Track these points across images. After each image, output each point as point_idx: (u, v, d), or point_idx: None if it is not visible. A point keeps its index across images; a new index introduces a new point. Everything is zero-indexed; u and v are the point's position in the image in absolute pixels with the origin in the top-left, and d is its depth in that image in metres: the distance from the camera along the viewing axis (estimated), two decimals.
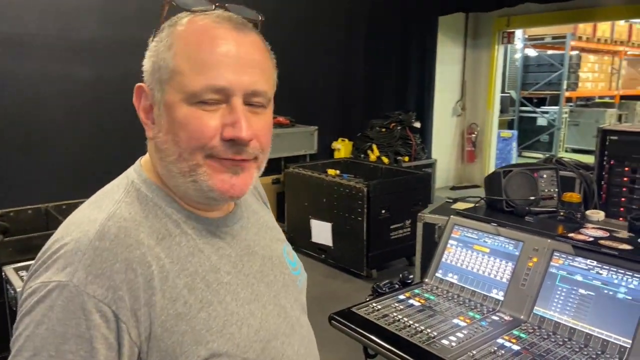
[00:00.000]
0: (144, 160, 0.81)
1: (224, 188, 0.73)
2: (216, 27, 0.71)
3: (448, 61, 6.13)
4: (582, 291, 1.41)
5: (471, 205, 1.97)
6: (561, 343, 1.36)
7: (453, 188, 6.37)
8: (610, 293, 1.36)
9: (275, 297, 0.84)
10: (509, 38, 6.42)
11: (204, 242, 0.77)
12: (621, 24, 9.30)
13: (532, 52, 9.60)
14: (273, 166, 4.18)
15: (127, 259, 0.67)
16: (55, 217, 2.87)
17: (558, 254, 1.50)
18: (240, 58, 0.71)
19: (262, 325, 0.78)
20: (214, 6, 0.74)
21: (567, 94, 9.21)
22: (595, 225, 1.59)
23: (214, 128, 0.71)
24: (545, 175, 1.77)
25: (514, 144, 7.34)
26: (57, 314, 0.64)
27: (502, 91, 7.06)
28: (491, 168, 6.52)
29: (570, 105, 9.79)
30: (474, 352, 1.32)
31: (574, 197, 1.73)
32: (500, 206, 1.74)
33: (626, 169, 2.08)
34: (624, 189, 2.10)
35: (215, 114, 0.71)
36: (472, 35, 6.37)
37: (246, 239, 0.84)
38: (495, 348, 1.34)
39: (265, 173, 0.87)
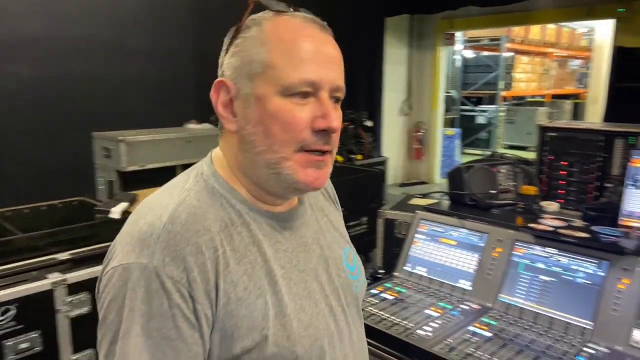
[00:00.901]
0: (214, 153, 0.84)
1: (308, 180, 0.77)
2: (306, 26, 0.77)
3: (395, 61, 6.29)
4: (543, 278, 1.50)
5: (431, 200, 2.04)
6: (527, 327, 1.44)
7: (402, 185, 6.55)
8: (570, 278, 1.46)
9: (327, 298, 0.85)
10: (451, 40, 6.68)
11: (263, 234, 0.79)
12: (551, 27, 9.92)
13: (470, 54, 10.04)
14: None
15: (197, 243, 0.71)
16: None
17: (520, 244, 1.59)
18: (327, 55, 0.77)
19: (311, 322, 0.79)
20: (291, 9, 0.79)
21: (503, 93, 9.71)
22: (551, 215, 1.69)
23: (305, 120, 0.75)
24: (503, 170, 1.87)
25: (457, 142, 7.65)
26: (140, 294, 0.68)
27: (445, 91, 7.33)
28: (437, 165, 6.76)
29: (506, 104, 10.33)
30: (450, 340, 1.38)
31: (531, 189, 1.83)
32: (463, 200, 1.82)
33: (564, 163, 2.24)
34: (562, 182, 2.26)
35: (305, 107, 0.75)
36: (417, 37, 6.57)
37: (305, 235, 0.86)
38: (469, 335, 1.40)
39: None
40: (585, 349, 1.32)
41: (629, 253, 1.38)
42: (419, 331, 1.43)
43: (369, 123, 5.09)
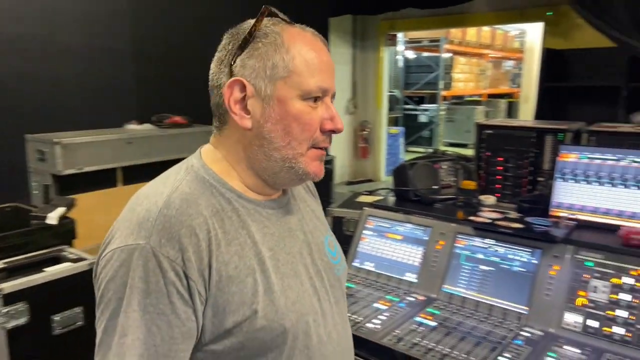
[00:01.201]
0: (203, 149, 0.91)
1: (315, 172, 0.88)
2: (316, 40, 0.88)
3: (339, 61, 6.37)
4: (483, 267, 1.59)
5: (377, 197, 2.10)
6: (469, 315, 1.51)
7: (349, 183, 6.64)
8: (507, 267, 1.55)
9: (311, 279, 0.92)
10: (393, 40, 6.85)
11: (251, 220, 0.86)
12: (486, 29, 10.39)
13: (411, 54, 10.33)
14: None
15: (191, 226, 0.77)
16: None
17: (461, 236, 1.66)
18: (331, 65, 0.88)
19: (298, 299, 0.86)
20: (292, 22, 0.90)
21: (443, 93, 10.06)
22: (489, 208, 1.79)
23: (318, 121, 0.86)
24: (444, 166, 1.95)
25: (401, 140, 7.85)
26: (139, 272, 0.74)
27: (388, 90, 7.51)
28: (383, 163, 6.91)
29: (446, 103, 10.70)
30: (398, 331, 1.43)
31: (471, 184, 1.92)
32: (408, 196, 1.88)
33: (500, 158, 2.37)
34: (499, 177, 2.39)
35: (317, 110, 0.86)
36: (360, 37, 6.68)
37: (289, 222, 0.93)
38: (415, 326, 1.46)
39: None
40: (522, 332, 1.41)
41: (558, 241, 1.48)
42: (368, 324, 1.47)
43: None
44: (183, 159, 0.92)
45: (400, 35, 8.35)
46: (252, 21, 0.86)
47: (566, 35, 4.87)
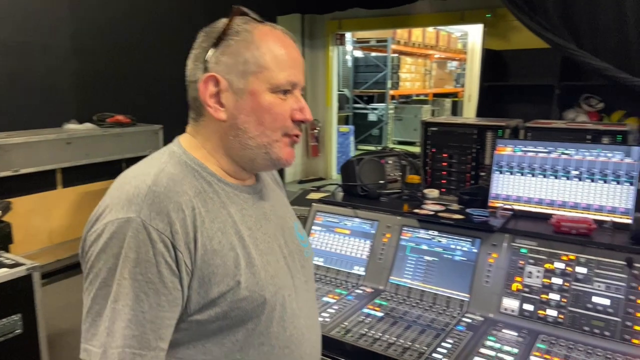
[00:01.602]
0: (181, 138, 0.97)
1: (287, 157, 0.96)
2: (286, 36, 0.94)
3: None
4: (427, 258, 1.65)
5: (325, 194, 2.12)
6: (414, 305, 1.57)
7: (301, 182, 6.65)
8: (449, 257, 1.61)
9: (285, 258, 0.99)
10: (341, 40, 6.91)
11: (230, 202, 0.93)
12: (430, 30, 10.70)
13: (359, 54, 10.47)
14: (114, 169, 3.87)
15: (178, 202, 0.84)
16: None
17: (407, 229, 1.71)
18: (299, 61, 0.95)
19: (276, 273, 0.94)
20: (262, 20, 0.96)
21: (391, 92, 10.26)
22: (432, 201, 1.85)
23: (288, 112, 0.93)
24: (390, 162, 2.00)
25: (352, 138, 7.95)
26: (129, 243, 0.79)
27: (338, 90, 7.58)
28: (334, 161, 6.97)
29: (394, 102, 10.93)
30: (346, 323, 1.45)
31: (415, 178, 1.98)
32: (355, 191, 1.91)
33: (444, 155, 2.47)
34: (444, 172, 2.49)
35: (287, 101, 0.93)
36: (308, 36, 6.71)
37: (264, 207, 1.00)
38: (363, 317, 1.49)
39: (106, 177, 0.94)
40: (464, 319, 1.47)
41: (496, 230, 1.56)
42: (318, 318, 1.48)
43: None
44: (127, 159, 0.94)
45: (348, 35, 8.45)
46: (225, 20, 0.92)
47: (504, 37, 5.10)
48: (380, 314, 1.50)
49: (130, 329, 0.79)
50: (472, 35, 7.54)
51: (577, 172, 1.63)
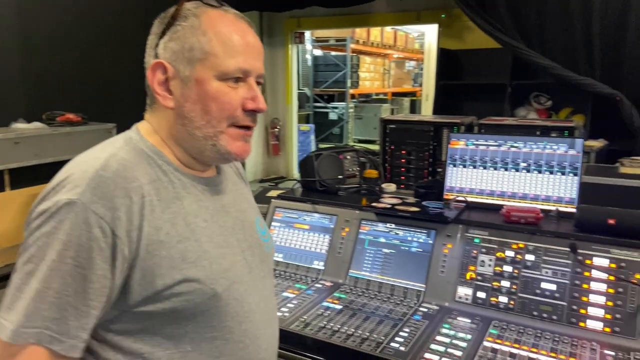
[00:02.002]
0: (140, 125, 0.95)
1: (238, 151, 0.92)
2: (238, 21, 0.90)
3: None
4: (385, 250, 1.67)
5: (281, 190, 2.12)
6: (373, 296, 1.59)
7: (262, 181, 6.61)
8: (406, 249, 1.65)
9: (243, 252, 0.97)
10: (300, 38, 6.91)
11: (186, 192, 0.91)
12: (388, 30, 10.85)
13: (319, 53, 10.51)
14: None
15: (125, 188, 0.81)
16: None
17: (365, 222, 1.74)
18: (254, 47, 0.91)
19: (230, 267, 0.92)
20: (219, 4, 0.92)
21: (351, 91, 10.35)
22: (390, 195, 1.88)
23: (238, 101, 0.89)
24: (348, 157, 2.02)
25: (312, 137, 7.97)
26: (65, 225, 0.77)
27: (298, 88, 7.58)
28: (295, 160, 6.96)
29: (354, 101, 11.02)
30: (305, 317, 1.46)
31: (373, 173, 2.01)
32: (314, 186, 1.92)
33: (402, 151, 2.53)
34: (403, 169, 2.54)
35: (238, 90, 0.89)
36: (267, 34, 6.67)
37: (223, 200, 0.99)
38: (322, 310, 1.50)
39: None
40: (420, 308, 1.51)
41: (450, 222, 1.61)
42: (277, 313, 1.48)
43: None
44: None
45: (307, 34, 8.46)
46: (177, 5, 0.90)
47: (459, 37, 5.24)
48: (339, 307, 1.52)
49: (52, 310, 0.76)
50: (429, 35, 7.71)
51: (525, 164, 1.70)
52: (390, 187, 1.99)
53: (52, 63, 4.08)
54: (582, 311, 1.36)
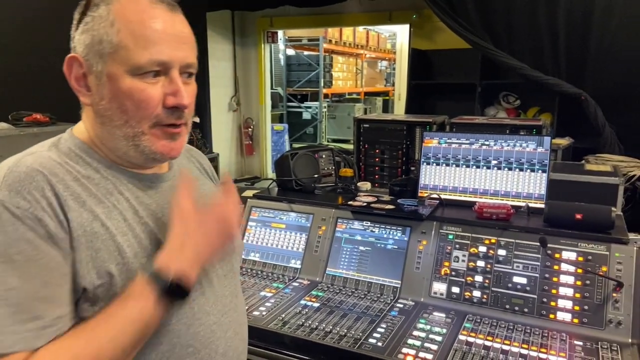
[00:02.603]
0: (76, 125, 0.89)
1: (164, 151, 0.85)
2: (153, 7, 0.80)
3: (220, 57, 6.26)
4: (361, 248, 1.69)
5: (257, 190, 2.12)
6: (350, 294, 1.60)
7: (236, 181, 6.56)
8: (382, 246, 1.67)
9: None
10: (273, 38, 6.89)
11: (124, 189, 0.86)
12: (360, 30, 10.93)
13: (291, 52, 10.50)
14: None
15: (43, 180, 0.76)
16: None
17: (341, 220, 1.75)
18: (176, 35, 0.82)
19: None
20: None
21: (324, 90, 10.38)
22: (365, 193, 1.90)
23: (157, 98, 0.81)
24: (324, 156, 2.03)
25: (286, 137, 7.96)
26: None
27: (271, 88, 7.55)
28: (268, 159, 6.94)
29: (328, 101, 11.06)
30: (283, 315, 1.46)
31: (348, 172, 2.03)
32: (290, 185, 1.93)
33: (376, 150, 2.56)
34: (377, 168, 2.57)
35: (156, 85, 0.81)
36: (239, 33, 6.63)
37: (172, 196, 0.90)
38: (300, 308, 1.50)
39: None
40: (396, 304, 1.53)
41: (424, 219, 1.63)
42: (254, 312, 1.48)
43: (195, 119, 4.98)
44: None
45: (280, 33, 8.44)
46: None
47: (430, 37, 5.32)
48: (317, 305, 1.53)
49: (23, 311, 0.71)
50: (400, 35, 7.80)
51: (496, 162, 1.75)
52: (366, 185, 2.01)
53: (19, 63, 3.96)
54: (552, 303, 1.41)
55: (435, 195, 1.77)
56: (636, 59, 3.49)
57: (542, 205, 1.63)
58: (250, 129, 6.78)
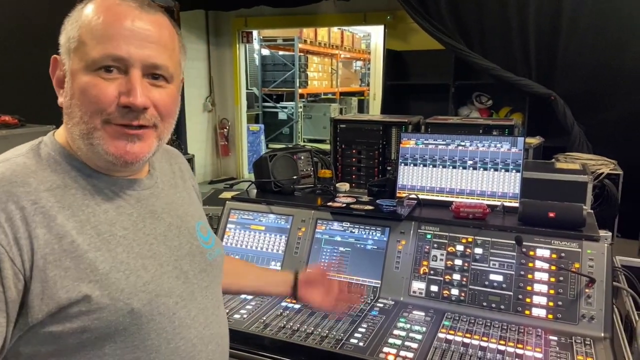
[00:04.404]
0: (59, 128, 0.87)
1: (118, 153, 0.80)
2: (119, 4, 0.80)
3: (194, 57, 6.20)
4: (341, 249, 1.70)
5: (237, 192, 2.11)
6: None
7: (212, 182, 6.51)
8: (362, 246, 1.68)
9: (177, 261, 0.89)
10: (248, 38, 6.86)
11: (103, 198, 0.83)
12: (335, 31, 10.97)
13: (266, 52, 10.46)
14: None
15: (10, 192, 0.74)
16: None
17: (321, 221, 1.76)
18: (140, 33, 0.79)
19: (153, 279, 0.83)
20: None
21: (300, 90, 10.38)
22: (344, 194, 1.92)
23: (110, 95, 0.78)
24: (302, 157, 2.03)
25: (262, 137, 7.94)
26: None
27: (246, 88, 7.51)
28: (245, 160, 6.91)
29: (303, 101, 11.07)
30: (264, 318, 1.46)
31: (327, 173, 2.04)
32: (269, 187, 1.92)
33: (353, 150, 2.58)
34: (354, 168, 2.60)
35: (113, 82, 0.79)
36: (214, 33, 6.58)
37: (154, 204, 0.91)
38: (281, 311, 1.50)
39: None
40: (377, 304, 1.54)
41: (403, 219, 1.65)
42: (235, 315, 1.47)
43: None
44: None
45: (255, 34, 8.40)
46: None
47: (404, 38, 5.38)
48: (297, 306, 1.53)
49: None
50: (374, 36, 7.87)
51: (472, 162, 1.78)
52: (344, 186, 2.02)
53: None
54: (528, 300, 1.44)
55: (413, 196, 1.79)
56: (603, 61, 3.61)
57: (517, 204, 1.67)
58: (225, 130, 6.74)
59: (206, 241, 0.99)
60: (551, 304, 1.42)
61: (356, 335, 1.36)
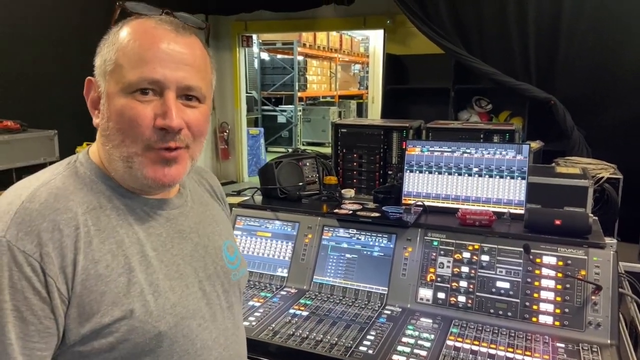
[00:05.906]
0: (93, 145, 0.88)
1: (156, 177, 0.82)
2: (156, 27, 0.81)
3: None
4: (348, 256, 1.71)
5: (243, 198, 2.11)
6: (337, 301, 1.62)
7: None
8: (369, 253, 1.69)
9: (202, 282, 0.90)
10: (247, 42, 6.87)
11: (134, 219, 0.84)
12: (334, 34, 11.00)
13: (266, 56, 10.48)
14: (4, 179, 3.52)
15: (55, 220, 0.75)
16: None
17: (327, 228, 1.77)
18: (175, 56, 0.80)
19: (180, 301, 0.84)
20: (161, 12, 0.86)
21: (299, 94, 10.40)
22: (350, 200, 1.93)
23: (147, 117, 0.79)
24: (308, 164, 2.05)
25: (262, 140, 7.94)
26: None
27: (246, 91, 7.52)
28: (245, 164, 6.91)
29: (302, 104, 11.08)
30: (273, 325, 1.47)
31: (332, 179, 2.05)
32: (275, 194, 1.93)
33: (354, 155, 2.59)
34: (355, 172, 2.60)
35: (149, 104, 0.79)
36: (214, 37, 6.58)
37: (182, 224, 0.91)
38: (289, 317, 1.51)
39: None
40: (384, 311, 1.55)
41: (410, 226, 1.66)
42: (244, 323, 1.48)
43: None
44: (17, 168, 0.86)
45: (254, 37, 8.42)
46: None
47: (404, 42, 5.40)
48: (305, 313, 1.54)
49: None
50: (373, 39, 7.88)
51: (477, 169, 1.79)
52: (350, 192, 2.03)
53: None
54: (534, 307, 1.45)
55: (419, 203, 1.80)
56: (602, 65, 3.63)
57: (522, 211, 1.68)
58: (225, 133, 6.74)
59: (232, 261, 0.99)
60: (558, 311, 1.43)
61: (365, 342, 1.37)
